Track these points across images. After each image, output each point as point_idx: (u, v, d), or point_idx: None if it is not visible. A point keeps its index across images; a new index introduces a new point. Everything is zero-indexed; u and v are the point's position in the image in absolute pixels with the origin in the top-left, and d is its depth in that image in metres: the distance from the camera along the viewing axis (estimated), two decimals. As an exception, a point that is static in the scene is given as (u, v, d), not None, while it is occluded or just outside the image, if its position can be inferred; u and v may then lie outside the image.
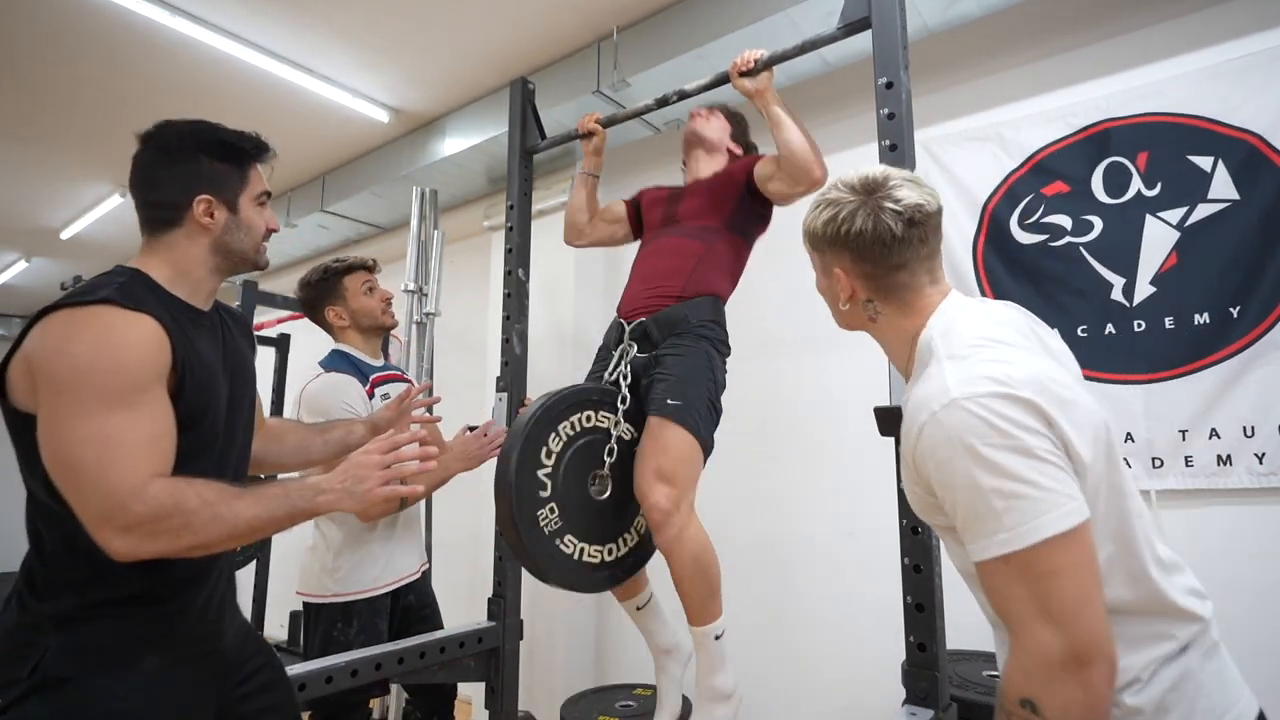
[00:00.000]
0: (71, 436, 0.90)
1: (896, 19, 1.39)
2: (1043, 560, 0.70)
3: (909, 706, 1.18)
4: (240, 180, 1.14)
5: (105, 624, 0.97)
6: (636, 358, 1.64)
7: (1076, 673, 0.69)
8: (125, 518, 0.89)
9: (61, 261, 5.44)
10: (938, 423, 0.76)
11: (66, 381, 0.91)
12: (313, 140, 3.53)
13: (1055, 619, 0.70)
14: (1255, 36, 1.84)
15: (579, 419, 1.56)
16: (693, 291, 1.66)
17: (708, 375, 1.61)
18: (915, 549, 1.23)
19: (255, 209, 1.16)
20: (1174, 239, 1.88)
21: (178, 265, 1.09)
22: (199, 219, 1.08)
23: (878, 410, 1.26)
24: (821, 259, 0.98)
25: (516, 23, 2.59)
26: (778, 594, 2.42)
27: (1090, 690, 0.68)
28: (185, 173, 1.09)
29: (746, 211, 1.75)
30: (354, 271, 1.92)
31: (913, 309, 0.92)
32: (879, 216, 0.88)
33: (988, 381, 0.76)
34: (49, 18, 2.54)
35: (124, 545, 0.90)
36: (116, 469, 0.90)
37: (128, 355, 0.94)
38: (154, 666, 1.00)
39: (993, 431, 0.73)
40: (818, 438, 2.46)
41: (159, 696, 0.99)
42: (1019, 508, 0.71)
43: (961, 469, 0.74)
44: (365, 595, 1.76)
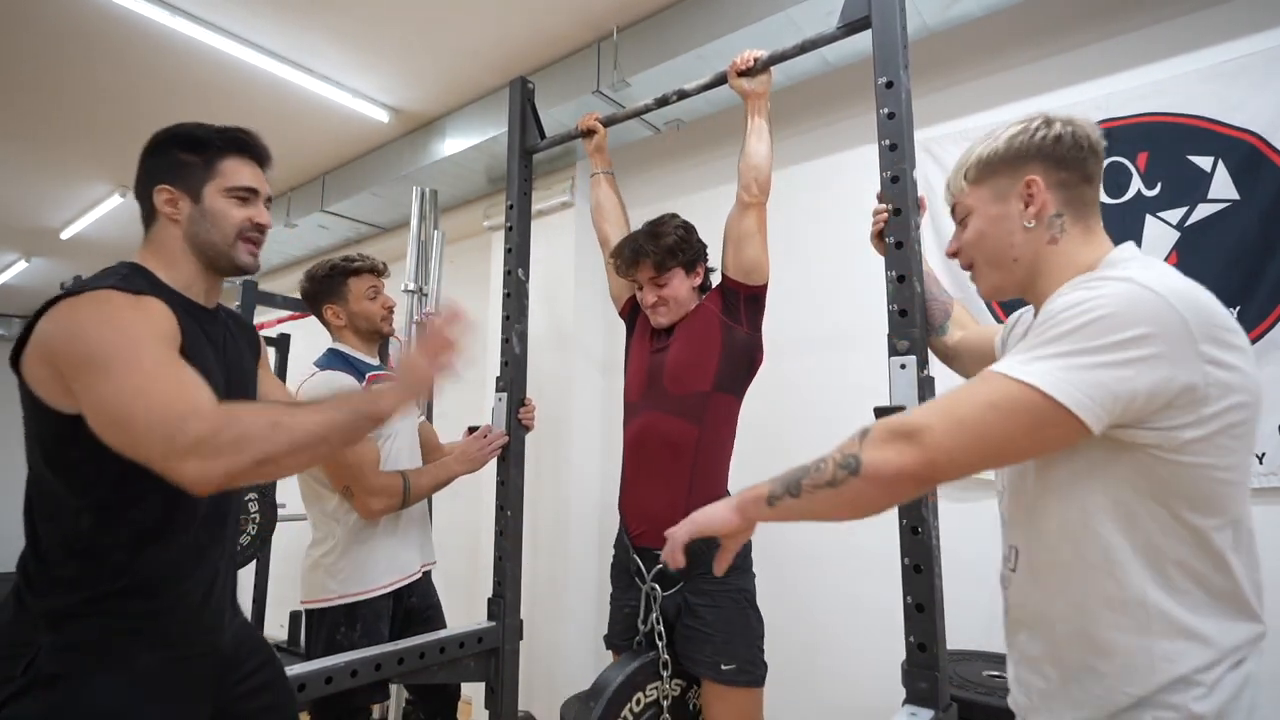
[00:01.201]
0: (113, 395, 0.89)
1: (896, 19, 1.39)
2: (1016, 398, 0.71)
3: (909, 706, 1.18)
4: (206, 171, 1.13)
5: (97, 621, 0.97)
6: (665, 598, 1.59)
7: (901, 443, 0.74)
8: (184, 440, 0.86)
9: (62, 261, 5.44)
10: (1095, 283, 0.75)
11: (90, 353, 0.91)
12: (313, 140, 3.53)
13: (945, 416, 0.73)
14: (1255, 36, 1.84)
15: (631, 709, 1.52)
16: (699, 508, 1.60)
17: (748, 618, 1.58)
18: (915, 549, 1.23)
19: (224, 200, 1.13)
20: (1174, 239, 1.88)
21: (165, 258, 1.11)
22: (162, 209, 1.11)
23: (878, 410, 1.26)
24: (996, 184, 0.92)
25: (516, 23, 2.59)
26: (778, 593, 2.42)
27: (902, 457, 0.74)
28: (155, 165, 1.13)
29: (735, 350, 1.66)
30: (361, 274, 1.91)
31: (1095, 237, 0.89)
32: (1076, 125, 0.89)
33: (1174, 288, 0.73)
34: (49, 18, 2.54)
35: (194, 470, 0.86)
36: (163, 401, 0.89)
37: (142, 323, 0.96)
38: (147, 664, 0.99)
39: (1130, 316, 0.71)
40: (818, 438, 2.44)
41: (151, 694, 0.99)
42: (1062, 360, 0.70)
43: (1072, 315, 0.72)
44: (368, 596, 1.76)
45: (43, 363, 0.94)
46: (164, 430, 0.86)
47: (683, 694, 1.62)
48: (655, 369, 1.71)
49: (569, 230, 3.08)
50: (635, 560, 1.65)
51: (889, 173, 1.35)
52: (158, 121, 1.17)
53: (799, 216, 2.56)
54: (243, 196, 1.16)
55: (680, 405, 1.64)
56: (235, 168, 1.16)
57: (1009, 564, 0.90)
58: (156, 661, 1.00)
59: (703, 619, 1.56)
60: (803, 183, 2.59)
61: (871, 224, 1.36)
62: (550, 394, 2.90)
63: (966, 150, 0.97)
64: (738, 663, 1.53)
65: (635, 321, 1.87)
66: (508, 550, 1.92)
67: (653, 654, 1.57)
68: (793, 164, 2.61)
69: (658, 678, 1.57)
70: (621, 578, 1.74)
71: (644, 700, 1.55)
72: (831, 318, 2.46)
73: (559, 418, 2.92)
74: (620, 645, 1.69)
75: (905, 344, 1.27)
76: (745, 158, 1.65)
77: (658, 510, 1.62)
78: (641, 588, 1.62)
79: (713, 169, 2.86)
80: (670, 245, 1.69)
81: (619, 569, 1.75)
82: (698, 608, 1.57)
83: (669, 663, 1.57)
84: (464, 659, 1.77)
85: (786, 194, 2.55)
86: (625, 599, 1.71)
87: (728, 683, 1.52)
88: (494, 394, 2.01)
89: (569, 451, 2.92)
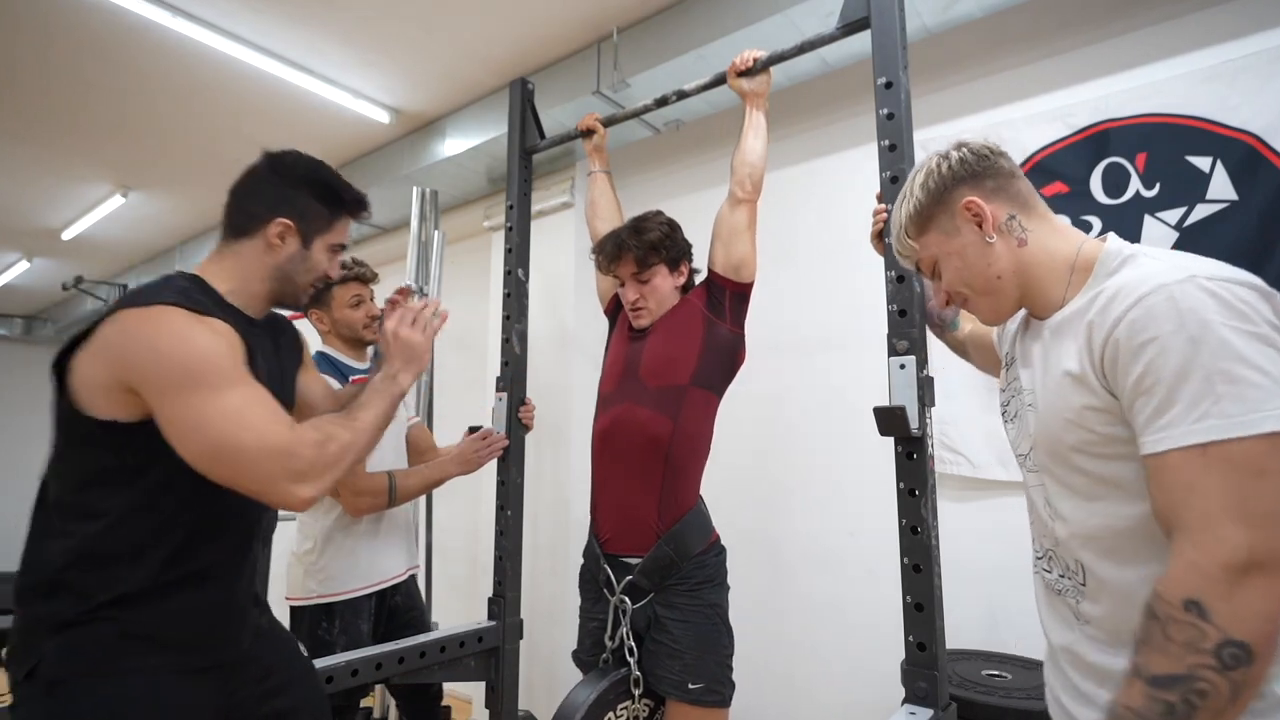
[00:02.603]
0: (213, 420, 0.93)
1: (896, 19, 1.40)
2: (1255, 455, 0.63)
3: (909, 706, 1.18)
4: (325, 224, 1.18)
5: (101, 627, 0.97)
6: (635, 611, 1.53)
7: (1258, 579, 0.61)
8: (298, 465, 0.96)
9: (63, 262, 5.44)
10: (1168, 293, 0.68)
11: (175, 374, 0.93)
12: (313, 140, 3.53)
13: (1250, 520, 0.62)
14: (1254, 37, 1.84)
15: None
16: (671, 515, 1.53)
17: (718, 634, 1.52)
18: (915, 549, 1.23)
19: (325, 254, 1.19)
20: (1173, 239, 1.88)
21: (239, 275, 1.12)
22: (270, 238, 1.12)
23: (878, 410, 1.26)
24: (939, 226, 0.92)
25: (516, 23, 2.60)
26: (778, 593, 2.42)
27: (1271, 601, 0.61)
28: (281, 194, 1.14)
29: (716, 346, 1.61)
30: (346, 283, 1.90)
31: (1057, 226, 0.90)
32: (964, 146, 0.91)
33: (1229, 270, 0.70)
34: (50, 19, 2.54)
35: (307, 490, 0.97)
36: (270, 429, 0.96)
37: (215, 344, 0.98)
38: (151, 668, 0.99)
39: (1234, 313, 0.66)
40: (818, 438, 2.46)
41: (151, 702, 0.98)
42: (1244, 395, 0.64)
43: (1181, 344, 0.66)
44: (346, 596, 1.76)
45: (106, 368, 0.95)
46: (276, 460, 0.94)
47: (650, 714, 1.55)
48: (633, 360, 1.65)
49: (569, 230, 3.08)
50: (605, 570, 1.58)
51: (888, 173, 1.36)
52: (158, 122, 1.18)
53: (798, 217, 2.57)
54: (335, 252, 1.22)
55: (656, 398, 1.58)
56: (344, 227, 1.23)
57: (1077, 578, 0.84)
58: (158, 668, 1.00)
59: (671, 634, 1.49)
60: (802, 183, 2.59)
61: (871, 224, 1.36)
62: (550, 394, 2.90)
63: (891, 218, 0.99)
64: (705, 681, 1.47)
65: (618, 318, 1.82)
66: (508, 550, 1.93)
67: (623, 671, 1.50)
68: (792, 164, 2.62)
69: (629, 696, 1.49)
70: (589, 589, 1.68)
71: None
72: (831, 318, 2.46)
73: (559, 418, 2.93)
74: (588, 662, 1.62)
75: (904, 344, 1.27)
76: (741, 153, 1.65)
77: (628, 511, 1.56)
78: (610, 600, 1.55)
79: (712, 169, 2.86)
80: (654, 241, 1.66)
81: (587, 579, 1.69)
82: (667, 622, 1.50)
83: (640, 680, 1.49)
84: (464, 659, 1.78)
85: (786, 194, 2.56)
86: (593, 613, 1.64)
87: (694, 702, 1.46)
88: (494, 394, 2.02)
89: (569, 451, 2.92)
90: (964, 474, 2.11)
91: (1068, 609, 0.86)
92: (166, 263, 5.28)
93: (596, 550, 1.63)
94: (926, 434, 1.25)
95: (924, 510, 1.23)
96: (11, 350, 7.76)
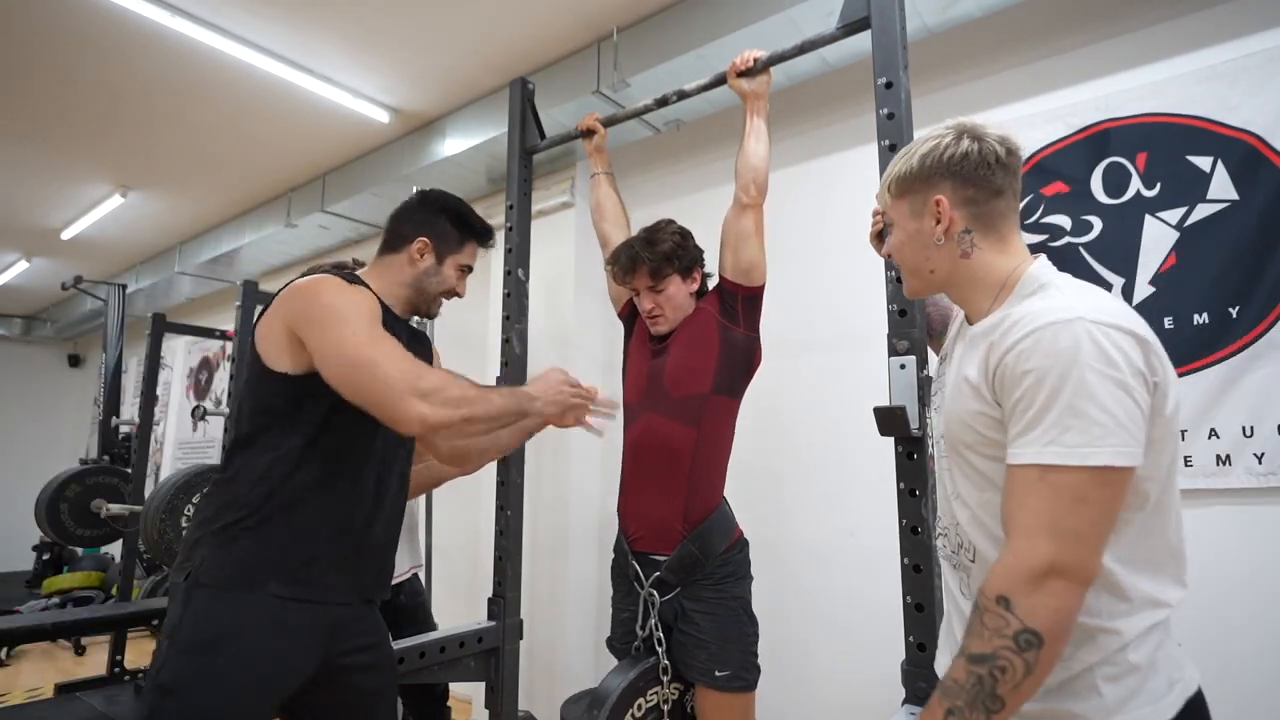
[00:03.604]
0: (357, 341, 1.12)
1: (896, 19, 1.39)
2: (1080, 484, 0.73)
3: (909, 706, 1.18)
4: (457, 246, 1.44)
5: (250, 546, 1.13)
6: (662, 604, 1.61)
7: (1055, 582, 0.73)
8: (423, 386, 1.09)
9: (62, 262, 5.45)
10: (1053, 331, 0.78)
11: (331, 313, 1.14)
12: (313, 140, 3.53)
13: (1058, 537, 0.73)
14: (1254, 37, 1.84)
15: (632, 714, 1.54)
16: (696, 516, 1.60)
17: (742, 625, 1.60)
18: (915, 549, 1.23)
19: (454, 272, 1.44)
20: (1173, 239, 1.88)
21: (386, 281, 1.37)
22: (413, 253, 1.38)
23: (878, 410, 1.26)
24: (913, 201, 0.96)
25: (516, 23, 2.60)
26: (778, 593, 2.42)
27: (1063, 599, 0.73)
28: (425, 220, 1.41)
29: (732, 352, 1.66)
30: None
31: (1009, 247, 0.93)
32: (983, 141, 0.92)
33: (1114, 315, 0.78)
34: (50, 19, 2.54)
35: (425, 408, 1.08)
36: (403, 357, 1.13)
37: (362, 300, 1.20)
38: (275, 594, 1.13)
39: (1102, 358, 0.75)
40: (818, 438, 2.46)
41: (268, 619, 1.12)
42: (1086, 430, 0.73)
43: (1053, 377, 0.76)
44: None
45: (278, 321, 1.18)
46: (405, 376, 1.09)
47: (680, 698, 1.63)
48: (655, 372, 1.71)
49: (569, 230, 3.08)
50: (634, 565, 1.66)
51: (888, 173, 1.35)
52: (158, 122, 1.21)
53: (798, 217, 2.56)
54: (463, 272, 1.47)
55: (679, 408, 1.64)
56: (473, 252, 1.48)
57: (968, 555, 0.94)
58: (286, 594, 1.14)
59: (698, 625, 1.57)
60: (802, 183, 2.59)
61: (871, 224, 1.36)
62: (550, 394, 2.89)
63: (893, 160, 1.01)
64: (731, 669, 1.55)
65: (634, 324, 1.86)
66: (508, 550, 1.92)
67: (653, 659, 1.59)
68: (792, 164, 2.62)
69: (658, 683, 1.59)
70: (620, 582, 1.75)
71: (645, 705, 1.57)
72: (832, 318, 2.46)
73: (559, 418, 2.92)
74: (620, 650, 1.70)
75: (904, 344, 1.27)
76: (743, 158, 1.65)
77: (655, 516, 1.64)
78: (640, 593, 1.63)
79: (713, 169, 2.86)
80: (666, 252, 1.68)
81: (618, 573, 1.76)
82: (694, 614, 1.58)
83: (669, 668, 1.58)
84: (464, 659, 1.78)
85: (786, 195, 2.56)
86: (624, 604, 1.72)
87: (721, 689, 1.54)
88: (494, 394, 2.02)
89: (569, 452, 2.92)
90: (964, 474, 2.11)
91: (960, 581, 0.96)
92: (166, 262, 5.28)
93: (625, 547, 1.70)
94: (927, 434, 1.25)
95: (924, 510, 1.22)
96: (11, 350, 7.76)
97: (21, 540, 6.28)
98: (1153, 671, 0.79)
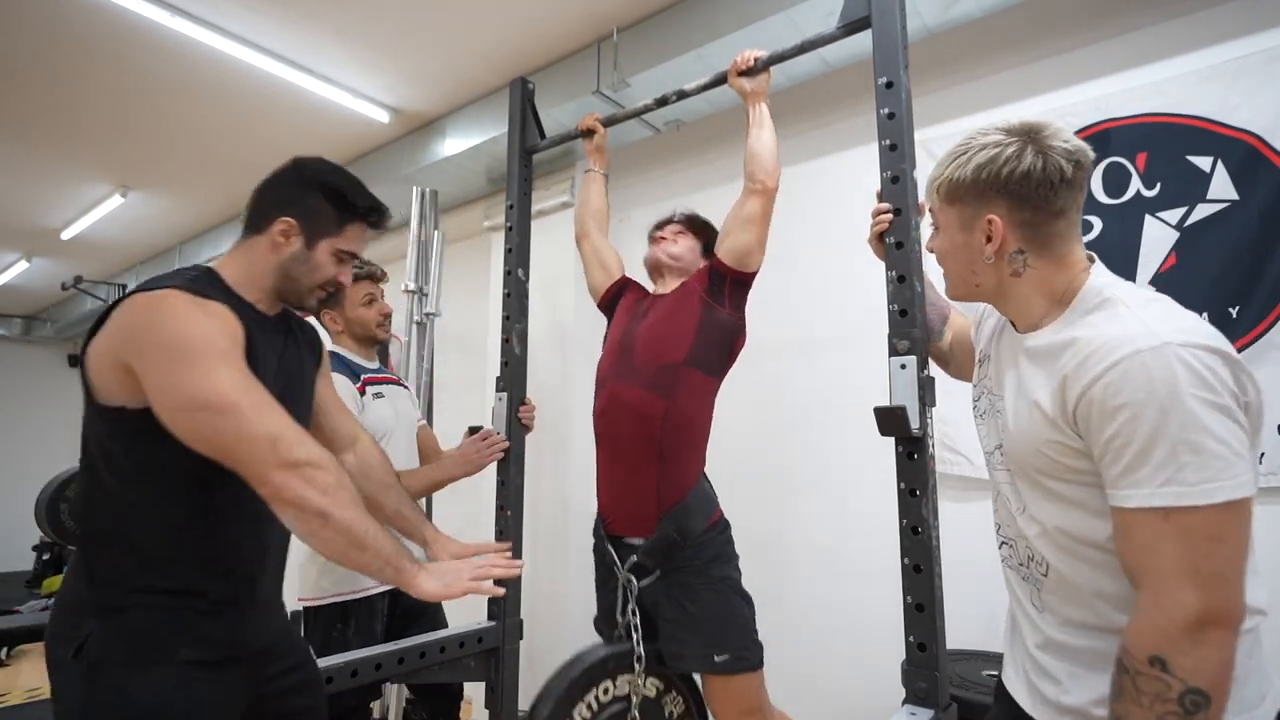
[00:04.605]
0: (214, 387, 0.94)
1: (896, 19, 1.39)
2: (1211, 523, 0.69)
3: (909, 706, 1.18)
4: (335, 228, 1.18)
5: (143, 615, 1.00)
6: (641, 588, 1.57)
7: (1212, 634, 0.68)
8: (290, 456, 0.94)
9: (62, 262, 5.44)
10: (1142, 361, 0.73)
11: (176, 347, 0.95)
12: (313, 140, 3.53)
13: (1202, 582, 0.69)
14: (1254, 37, 1.84)
15: (596, 695, 1.49)
16: (671, 497, 1.55)
17: (735, 604, 1.55)
18: (915, 549, 1.23)
19: (331, 258, 1.18)
20: (1173, 239, 1.88)
21: (249, 270, 1.14)
22: (275, 236, 1.14)
23: (878, 410, 1.26)
24: (962, 212, 0.90)
25: (516, 23, 2.60)
26: (778, 594, 2.42)
27: (1223, 650, 0.69)
28: (291, 194, 1.16)
29: (712, 329, 1.62)
30: (358, 281, 1.93)
31: (1065, 263, 0.88)
32: (1049, 155, 0.84)
33: (1200, 334, 0.74)
34: (50, 19, 2.54)
35: (283, 479, 0.93)
36: (273, 413, 0.97)
37: (208, 326, 0.99)
38: (186, 660, 1.01)
39: (1202, 384, 0.71)
40: (818, 438, 2.46)
41: (187, 691, 1.01)
42: (1205, 464, 0.69)
43: (1153, 410, 0.71)
44: (361, 595, 1.76)
45: (110, 349, 0.98)
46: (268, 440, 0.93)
47: (658, 696, 1.57)
48: (629, 340, 1.68)
49: (569, 230, 3.06)
50: (609, 551, 1.63)
51: (889, 173, 1.35)
52: (158, 122, 1.19)
53: (799, 217, 2.56)
54: (344, 259, 1.21)
55: (649, 378, 1.59)
56: (356, 234, 1.21)
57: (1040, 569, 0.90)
58: (195, 658, 1.02)
59: (686, 612, 1.52)
60: (802, 183, 2.59)
61: (871, 225, 1.36)
62: (550, 394, 2.90)
63: (943, 157, 0.94)
64: (730, 651, 1.50)
65: (615, 309, 1.86)
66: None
67: (627, 645, 1.54)
68: (792, 164, 2.61)
69: (630, 670, 1.53)
70: (600, 568, 1.73)
71: (613, 691, 1.51)
72: (831, 318, 2.46)
73: (559, 418, 2.93)
74: (605, 632, 1.68)
75: (905, 344, 1.27)
76: (747, 148, 1.65)
77: (628, 496, 1.60)
78: (619, 578, 1.59)
79: (712, 169, 2.86)
80: (704, 221, 1.84)
81: (598, 558, 1.73)
82: (680, 600, 1.53)
83: (643, 658, 1.52)
84: (464, 659, 1.77)
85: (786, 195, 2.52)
86: (605, 590, 1.69)
87: (724, 672, 1.50)
88: (494, 394, 2.02)
89: (569, 451, 2.92)
90: (964, 474, 2.11)
91: (1030, 593, 0.93)
92: (166, 262, 5.27)
93: (602, 531, 1.67)
94: (927, 434, 1.25)
95: (924, 510, 1.22)
96: (11, 350, 7.76)
97: (21, 540, 6.28)
98: (1244, 681, 0.76)
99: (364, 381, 1.88)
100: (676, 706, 1.59)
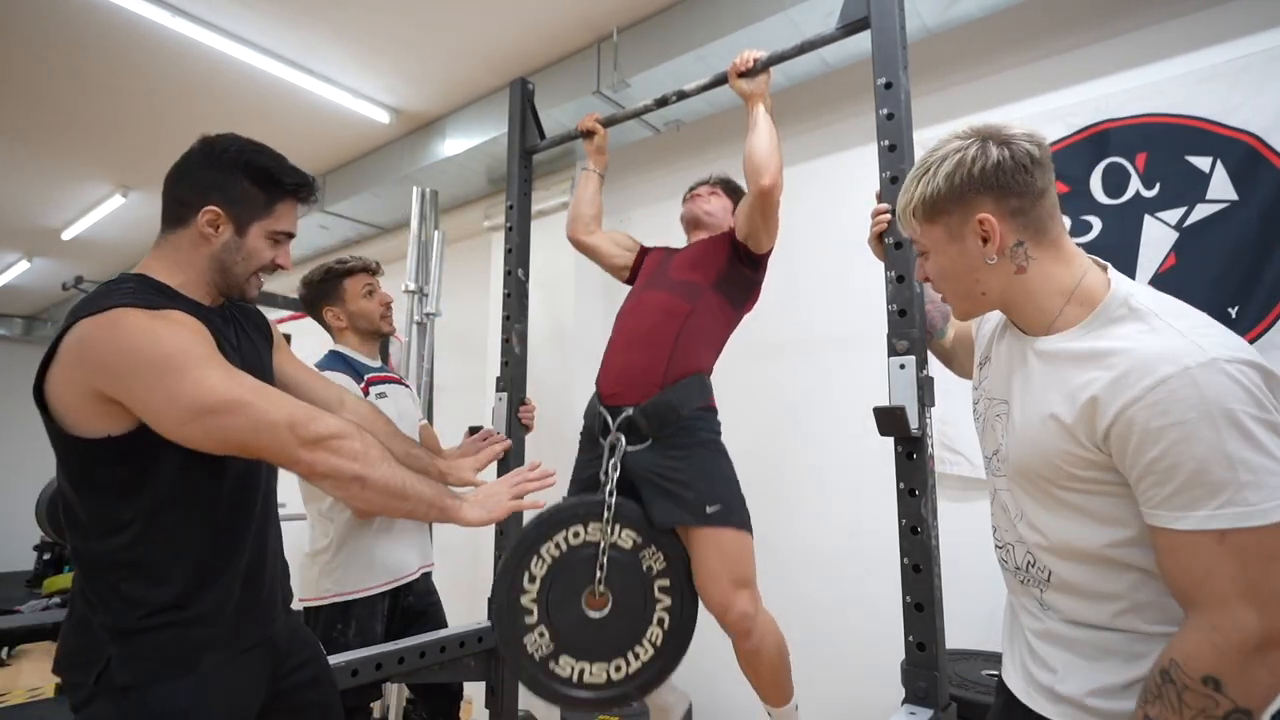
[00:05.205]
0: (211, 389, 0.93)
1: (896, 19, 1.40)
2: (1268, 542, 0.68)
3: (908, 706, 1.18)
4: (262, 209, 1.11)
5: (162, 633, 0.99)
6: (628, 452, 1.56)
7: (1273, 654, 0.68)
8: (310, 433, 0.97)
9: (63, 262, 5.45)
10: (1192, 378, 0.71)
11: (156, 364, 0.92)
12: (313, 140, 3.53)
13: (1261, 602, 0.68)
14: (1254, 37, 1.84)
15: (565, 537, 1.52)
16: (677, 372, 1.59)
17: (726, 467, 1.58)
18: (915, 549, 1.23)
19: (265, 241, 1.12)
20: (1173, 239, 1.88)
21: (182, 268, 1.07)
22: (201, 227, 1.07)
23: (877, 410, 1.26)
24: (948, 224, 0.89)
25: (516, 23, 2.60)
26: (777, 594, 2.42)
27: (1277, 674, 0.68)
28: (212, 180, 1.07)
29: (736, 274, 1.71)
30: (355, 274, 1.93)
31: (1065, 253, 0.87)
32: (1011, 144, 0.84)
33: (1241, 348, 0.73)
34: (50, 20, 2.54)
35: (312, 457, 0.97)
36: (278, 398, 0.98)
37: (179, 334, 0.96)
38: (210, 664, 1.02)
39: (1253, 401, 0.70)
40: (817, 438, 2.46)
41: (214, 693, 1.02)
42: (1263, 483, 0.68)
43: (1206, 433, 0.70)
44: (362, 594, 1.76)
45: (78, 382, 0.93)
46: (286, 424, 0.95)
47: (635, 549, 1.53)
48: (663, 264, 1.80)
49: (569, 230, 3.08)
50: (602, 413, 1.63)
51: (888, 173, 1.36)
52: (158, 121, 1.18)
53: (798, 217, 2.56)
54: (279, 240, 1.15)
55: (679, 287, 1.69)
56: (287, 211, 1.15)
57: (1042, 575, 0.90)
58: (219, 660, 1.03)
59: (679, 470, 1.52)
60: (802, 183, 2.59)
61: (871, 225, 1.36)
62: (550, 394, 2.90)
63: (905, 184, 0.93)
64: (722, 503, 1.49)
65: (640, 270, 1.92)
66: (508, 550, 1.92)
67: (599, 496, 1.53)
68: (792, 164, 2.60)
69: (598, 519, 1.52)
70: (587, 442, 1.73)
71: (584, 536, 1.52)
72: (830, 318, 2.46)
73: (559, 418, 2.93)
74: None
75: (904, 344, 1.27)
76: (745, 150, 1.65)
77: (635, 370, 1.62)
78: (603, 443, 1.59)
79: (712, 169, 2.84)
80: (738, 185, 1.88)
81: (586, 437, 1.73)
82: (671, 461, 1.53)
83: (615, 510, 1.51)
84: (464, 659, 1.78)
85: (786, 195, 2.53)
86: (588, 463, 1.68)
87: (718, 524, 1.48)
88: (494, 394, 2.02)
89: (569, 452, 2.92)
90: (964, 474, 2.11)
91: (1032, 598, 0.93)
92: (166, 263, 5.27)
93: (597, 404, 1.69)
94: (926, 434, 1.25)
95: (924, 510, 1.23)
96: (11, 350, 7.76)
97: (22, 540, 6.28)
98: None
99: (368, 381, 1.88)
100: (656, 561, 1.54)
